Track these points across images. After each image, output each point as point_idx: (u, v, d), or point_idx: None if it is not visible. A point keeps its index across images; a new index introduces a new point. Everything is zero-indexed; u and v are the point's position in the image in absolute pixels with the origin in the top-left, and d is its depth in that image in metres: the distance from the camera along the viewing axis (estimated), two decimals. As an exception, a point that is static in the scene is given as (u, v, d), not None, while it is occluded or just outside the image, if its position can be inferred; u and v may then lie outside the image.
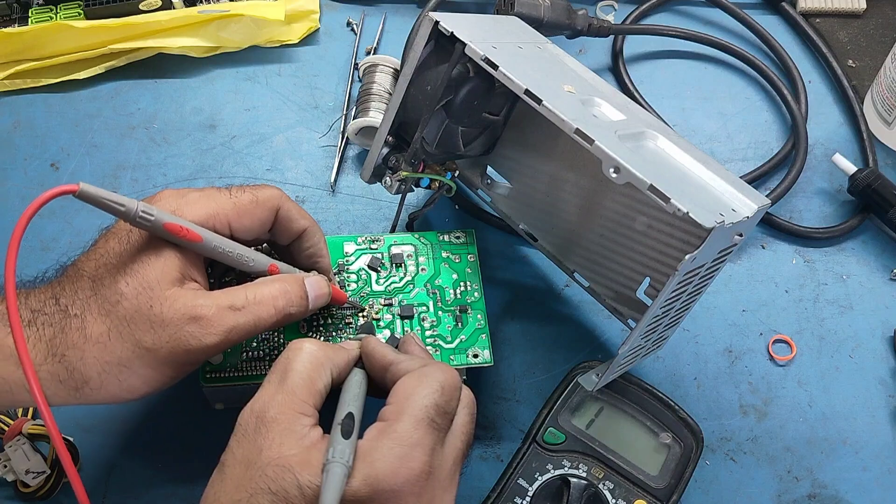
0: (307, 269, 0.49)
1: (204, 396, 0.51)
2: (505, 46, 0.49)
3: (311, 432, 0.39)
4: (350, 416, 0.40)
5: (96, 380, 0.42)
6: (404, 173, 0.52)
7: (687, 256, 0.41)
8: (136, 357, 0.42)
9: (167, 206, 0.44)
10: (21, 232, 0.39)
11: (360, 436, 0.39)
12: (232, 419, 0.53)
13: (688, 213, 0.40)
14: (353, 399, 0.42)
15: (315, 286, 0.47)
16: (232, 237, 0.46)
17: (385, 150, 0.53)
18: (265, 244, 0.50)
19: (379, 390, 0.44)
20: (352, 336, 0.51)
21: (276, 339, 0.50)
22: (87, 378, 0.42)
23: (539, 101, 0.44)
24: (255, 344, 0.50)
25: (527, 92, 0.44)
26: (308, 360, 0.42)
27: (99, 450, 0.52)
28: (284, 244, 0.49)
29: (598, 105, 0.50)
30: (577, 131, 0.43)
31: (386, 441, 0.39)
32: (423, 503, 0.39)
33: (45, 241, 0.60)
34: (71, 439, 0.52)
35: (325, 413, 0.41)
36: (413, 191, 0.55)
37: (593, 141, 0.42)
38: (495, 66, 0.45)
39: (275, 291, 0.45)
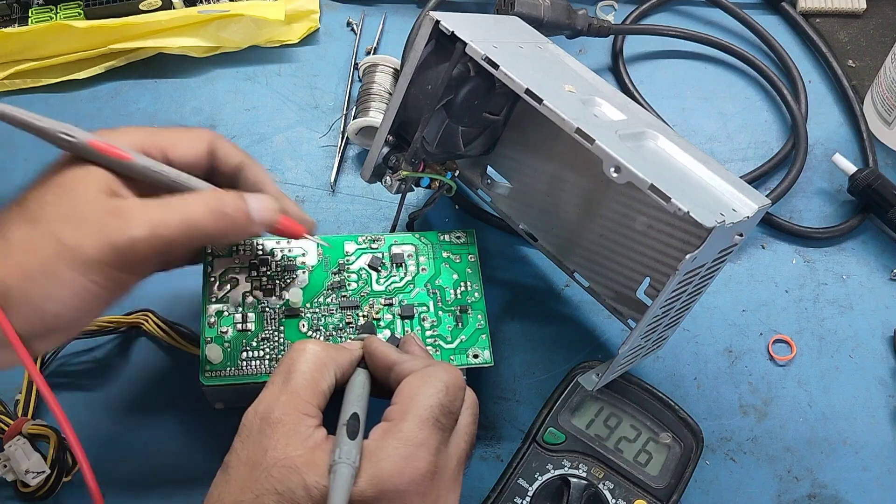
0: None
1: (204, 396, 0.50)
2: (506, 46, 0.49)
3: (316, 433, 0.39)
4: (355, 416, 0.40)
5: (18, 288, 0.39)
6: (404, 173, 0.52)
7: (688, 256, 0.41)
8: (59, 258, 0.39)
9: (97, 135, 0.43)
10: None
11: (366, 436, 0.39)
12: (232, 419, 0.53)
13: (688, 212, 0.40)
14: (357, 399, 0.42)
15: (257, 199, 0.45)
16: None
17: (385, 150, 0.53)
18: None
19: (382, 390, 0.43)
20: (353, 336, 0.51)
21: (276, 338, 0.50)
22: (9, 286, 0.39)
23: (540, 101, 0.44)
24: (255, 343, 0.50)
25: (527, 91, 0.44)
26: (312, 360, 0.41)
27: (99, 449, 0.52)
28: (224, 182, 0.47)
29: (598, 105, 0.50)
30: (578, 131, 0.43)
31: (391, 441, 0.39)
32: (427, 503, 0.39)
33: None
34: (71, 439, 0.52)
35: (329, 413, 0.41)
36: (413, 190, 0.55)
37: (594, 140, 0.42)
38: (496, 66, 0.45)
39: (207, 194, 0.44)
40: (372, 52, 0.68)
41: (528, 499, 0.49)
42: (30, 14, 0.66)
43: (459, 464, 0.41)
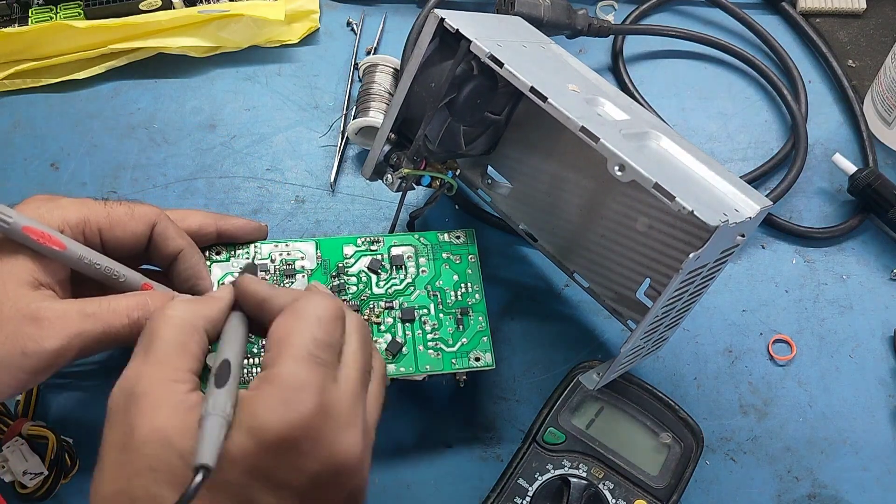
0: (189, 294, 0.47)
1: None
2: (509, 45, 0.49)
3: (189, 397, 0.36)
4: (226, 363, 0.37)
5: None
6: (406, 170, 0.52)
7: (691, 255, 0.41)
8: None
9: (34, 212, 0.42)
10: None
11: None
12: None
13: (692, 211, 0.40)
14: (228, 345, 0.39)
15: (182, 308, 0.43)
16: (104, 251, 0.44)
17: (387, 148, 0.53)
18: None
19: (261, 330, 0.41)
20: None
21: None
22: None
23: (544, 99, 0.44)
24: (255, 350, 0.49)
25: (532, 89, 0.44)
26: (175, 324, 0.38)
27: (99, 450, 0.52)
28: (161, 266, 0.47)
29: (602, 104, 0.50)
30: (583, 129, 0.43)
31: (267, 388, 0.36)
32: (322, 447, 0.36)
33: None
34: (69, 440, 0.52)
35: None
36: (414, 189, 0.55)
37: (598, 139, 0.42)
38: (500, 64, 0.45)
39: (132, 302, 0.42)
40: (372, 52, 0.68)
41: (528, 499, 0.49)
42: (30, 14, 0.66)
43: (355, 396, 0.38)
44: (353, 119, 0.62)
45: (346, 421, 0.37)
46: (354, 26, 0.70)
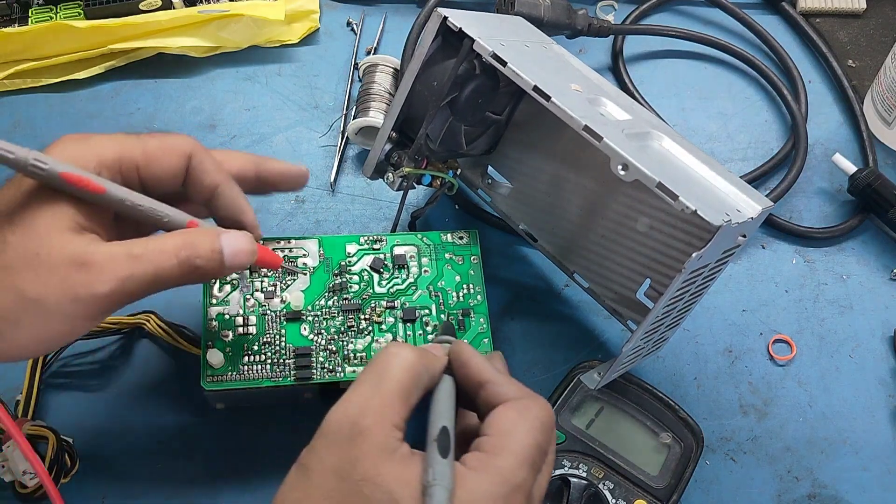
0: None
1: (204, 398, 0.50)
2: (512, 44, 0.49)
3: (403, 447, 0.37)
4: (445, 430, 0.38)
5: None
6: (407, 169, 0.52)
7: (694, 254, 0.41)
8: (21, 309, 0.38)
9: (67, 154, 0.40)
10: None
11: (458, 456, 0.38)
12: (233, 419, 0.53)
13: (696, 210, 0.40)
14: (445, 411, 0.39)
15: (234, 241, 0.42)
16: (143, 189, 0.42)
17: (388, 147, 0.53)
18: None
19: (464, 401, 0.42)
20: (431, 339, 0.49)
21: (278, 342, 0.50)
22: None
23: (548, 98, 0.44)
24: (256, 347, 0.50)
25: (535, 88, 0.44)
26: (406, 367, 0.39)
27: (99, 450, 0.52)
28: (200, 202, 0.45)
29: (604, 104, 0.50)
30: (586, 128, 0.43)
31: (489, 477, 0.37)
32: None
33: None
34: (70, 440, 0.51)
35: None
36: (414, 188, 0.55)
37: (602, 138, 0.42)
38: (504, 63, 0.45)
39: (179, 241, 0.41)
40: (372, 52, 0.68)
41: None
42: (30, 14, 0.66)
43: (541, 501, 0.40)
44: (353, 119, 0.62)
45: None
46: (354, 26, 0.70)
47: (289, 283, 0.52)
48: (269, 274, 0.51)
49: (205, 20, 0.66)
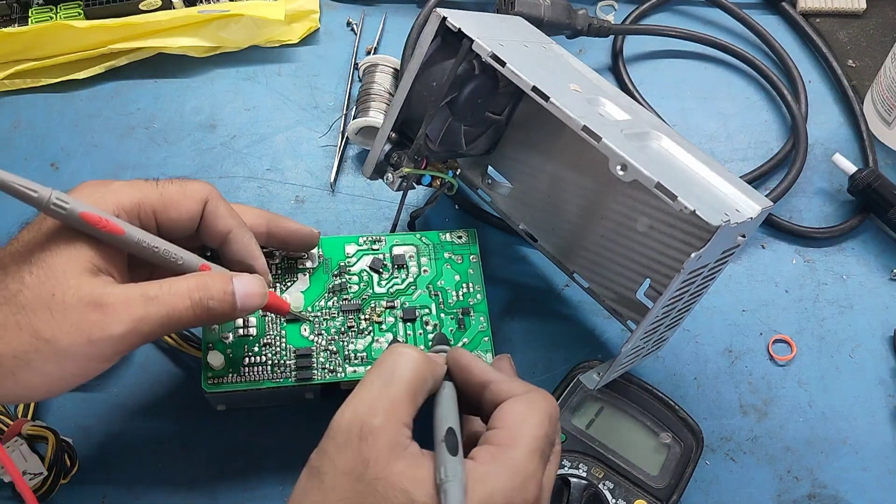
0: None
1: (205, 399, 0.50)
2: (511, 44, 0.49)
3: (413, 446, 0.38)
4: (451, 431, 0.39)
5: None
6: (406, 170, 0.52)
7: (693, 255, 0.41)
8: (34, 350, 0.38)
9: (88, 197, 0.41)
10: None
11: (465, 455, 0.38)
12: (234, 419, 0.53)
13: (695, 210, 0.40)
14: (449, 413, 0.40)
15: (246, 285, 0.43)
16: (159, 233, 0.43)
17: (387, 147, 0.53)
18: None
19: (468, 405, 0.42)
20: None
21: (278, 343, 0.50)
22: None
23: (546, 98, 0.44)
24: (256, 349, 0.50)
25: (534, 89, 0.44)
26: (413, 368, 0.40)
27: (99, 450, 0.52)
28: (213, 246, 0.46)
29: (603, 104, 0.50)
30: (585, 128, 0.43)
31: (502, 468, 0.37)
32: None
33: None
34: (69, 440, 0.52)
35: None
36: (414, 188, 0.55)
37: (601, 138, 0.42)
38: (502, 63, 0.45)
39: (192, 284, 0.42)
40: (372, 52, 0.68)
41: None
42: (30, 14, 0.66)
43: (549, 496, 0.40)
44: (353, 119, 0.62)
45: None
46: (354, 26, 0.70)
47: (289, 283, 0.52)
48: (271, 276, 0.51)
49: (205, 20, 0.66)
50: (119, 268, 0.42)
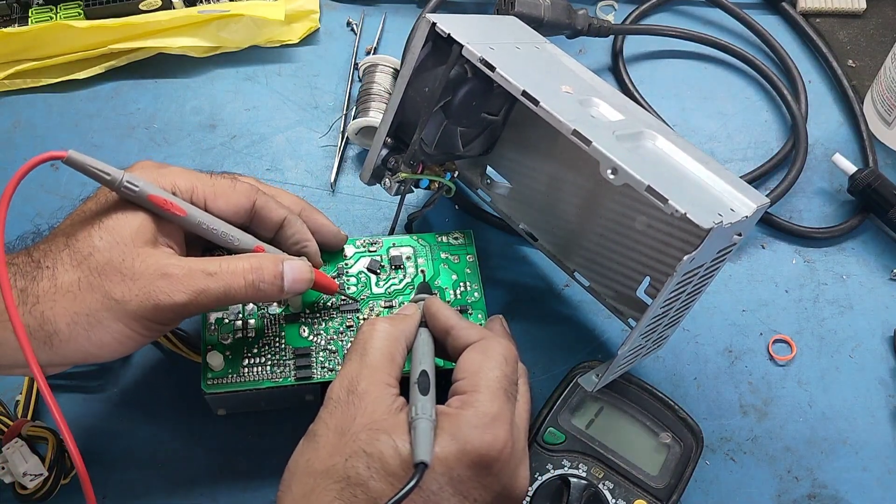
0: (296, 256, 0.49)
1: (205, 403, 0.50)
2: (503, 47, 0.49)
3: (398, 400, 0.42)
4: (424, 373, 0.43)
5: (65, 331, 0.42)
6: (403, 174, 0.52)
7: (686, 257, 0.41)
8: (106, 309, 0.42)
9: (147, 177, 0.44)
10: (10, 195, 0.40)
11: (439, 400, 0.42)
12: (234, 424, 0.53)
13: (685, 213, 0.40)
14: (423, 357, 0.44)
15: (295, 269, 0.47)
16: None
17: (384, 152, 0.53)
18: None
19: (442, 350, 0.47)
20: (407, 300, 0.52)
21: (277, 344, 0.50)
22: (57, 329, 0.42)
23: (536, 103, 0.44)
24: (255, 350, 0.50)
25: (524, 93, 0.44)
26: (384, 336, 0.44)
27: (99, 450, 0.52)
28: (268, 236, 0.49)
29: (596, 105, 0.50)
30: (575, 132, 0.43)
31: (470, 410, 0.41)
32: (506, 474, 0.41)
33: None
34: (70, 440, 0.52)
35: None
36: (413, 191, 0.55)
37: (591, 142, 0.42)
38: (493, 68, 0.45)
39: (247, 265, 0.45)
40: (372, 52, 0.68)
41: (528, 499, 0.49)
42: (30, 14, 0.66)
43: (525, 434, 0.44)
44: (353, 119, 0.62)
45: (523, 454, 0.43)
46: (354, 26, 0.70)
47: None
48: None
49: (205, 20, 0.66)
50: (178, 241, 0.46)
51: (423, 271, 0.53)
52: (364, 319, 0.51)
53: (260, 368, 0.49)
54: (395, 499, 0.37)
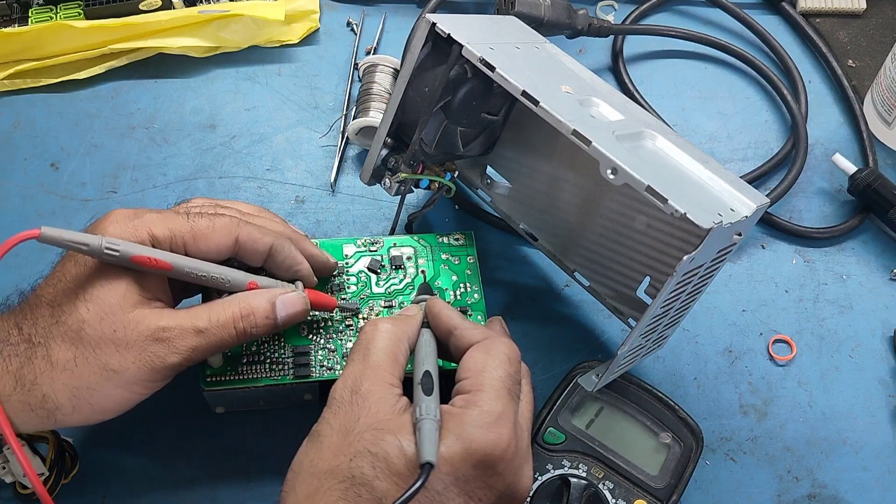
0: (291, 281, 0.49)
1: (205, 400, 0.50)
2: (502, 47, 0.49)
3: (401, 400, 0.42)
4: (427, 374, 0.43)
5: (67, 406, 0.43)
6: (403, 175, 0.52)
7: (685, 257, 0.41)
8: (105, 379, 0.43)
9: (123, 229, 0.44)
10: None
11: (442, 400, 0.42)
12: (234, 420, 0.53)
13: (685, 213, 0.40)
14: (426, 358, 0.45)
15: (287, 304, 0.47)
16: None
17: (384, 152, 0.53)
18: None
19: (444, 351, 0.47)
20: (408, 302, 0.52)
21: (277, 342, 0.50)
22: (59, 405, 0.43)
23: (536, 103, 0.44)
24: (254, 348, 0.50)
25: (524, 93, 0.44)
26: (387, 337, 0.44)
27: (99, 450, 0.52)
28: (256, 266, 0.49)
29: (595, 105, 0.50)
30: (575, 132, 0.43)
31: (475, 410, 0.41)
32: (510, 473, 0.41)
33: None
34: (70, 440, 0.52)
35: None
36: (413, 192, 0.55)
37: (591, 142, 0.42)
38: (492, 68, 0.45)
39: (237, 312, 0.45)
40: (372, 52, 0.68)
41: (528, 499, 0.49)
42: (30, 14, 0.66)
43: (529, 433, 0.44)
44: (354, 119, 0.62)
45: (526, 453, 0.43)
46: (354, 26, 0.70)
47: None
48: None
49: (205, 20, 0.66)
50: (164, 290, 0.46)
51: (423, 272, 0.53)
52: (364, 319, 0.51)
53: (259, 367, 0.49)
54: (402, 500, 0.37)
